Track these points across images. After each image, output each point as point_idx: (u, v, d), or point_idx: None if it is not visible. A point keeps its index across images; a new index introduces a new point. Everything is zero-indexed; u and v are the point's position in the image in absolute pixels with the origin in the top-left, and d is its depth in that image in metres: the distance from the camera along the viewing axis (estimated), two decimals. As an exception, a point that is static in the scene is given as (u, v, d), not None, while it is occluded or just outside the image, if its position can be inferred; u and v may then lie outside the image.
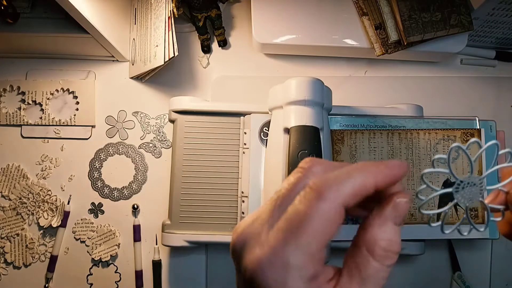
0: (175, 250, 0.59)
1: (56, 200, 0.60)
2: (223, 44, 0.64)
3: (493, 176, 0.51)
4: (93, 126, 0.62)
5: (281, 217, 0.21)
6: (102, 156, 0.61)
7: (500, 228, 0.28)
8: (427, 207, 0.48)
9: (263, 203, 0.51)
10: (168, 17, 0.55)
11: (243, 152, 0.54)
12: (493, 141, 0.22)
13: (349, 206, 0.21)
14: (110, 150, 0.61)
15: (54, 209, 0.60)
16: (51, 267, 0.58)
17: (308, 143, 0.46)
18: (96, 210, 0.60)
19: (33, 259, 0.59)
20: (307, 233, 0.20)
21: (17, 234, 0.59)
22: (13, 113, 0.62)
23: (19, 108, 0.62)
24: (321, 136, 0.47)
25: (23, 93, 0.62)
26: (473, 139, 0.22)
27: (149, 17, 0.59)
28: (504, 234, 0.28)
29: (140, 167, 0.61)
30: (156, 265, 0.58)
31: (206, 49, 0.64)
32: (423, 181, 0.23)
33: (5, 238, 0.59)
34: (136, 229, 0.59)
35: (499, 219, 0.24)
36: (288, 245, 0.20)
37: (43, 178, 0.61)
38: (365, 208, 0.24)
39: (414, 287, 0.58)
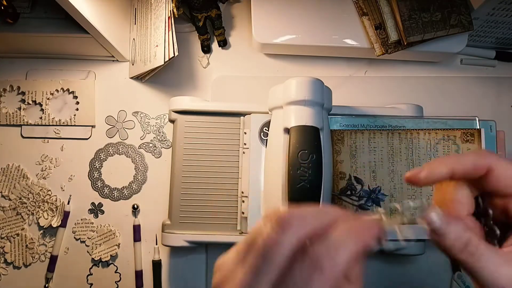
0: (175, 250, 0.59)
1: (56, 200, 0.60)
2: (223, 44, 0.64)
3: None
4: (93, 126, 0.62)
5: None
6: (102, 156, 0.61)
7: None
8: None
9: (263, 203, 0.51)
10: (168, 17, 0.55)
11: (243, 152, 0.54)
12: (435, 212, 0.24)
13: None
14: (110, 150, 0.61)
15: (54, 209, 0.60)
16: (51, 267, 0.58)
17: (308, 143, 0.46)
18: (96, 210, 0.60)
19: (33, 259, 0.59)
20: None
21: (17, 234, 0.59)
22: (13, 113, 0.62)
23: (19, 108, 0.62)
24: (321, 136, 0.47)
25: (23, 93, 0.62)
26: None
27: (149, 17, 0.59)
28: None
29: (140, 167, 0.61)
30: (156, 265, 0.58)
31: (206, 49, 0.64)
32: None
33: (5, 238, 0.59)
34: (136, 229, 0.59)
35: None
36: None
37: (43, 178, 0.61)
38: None
39: (414, 287, 0.58)
